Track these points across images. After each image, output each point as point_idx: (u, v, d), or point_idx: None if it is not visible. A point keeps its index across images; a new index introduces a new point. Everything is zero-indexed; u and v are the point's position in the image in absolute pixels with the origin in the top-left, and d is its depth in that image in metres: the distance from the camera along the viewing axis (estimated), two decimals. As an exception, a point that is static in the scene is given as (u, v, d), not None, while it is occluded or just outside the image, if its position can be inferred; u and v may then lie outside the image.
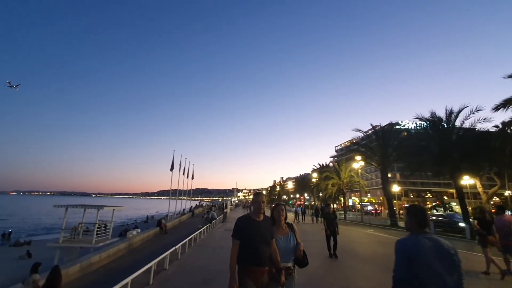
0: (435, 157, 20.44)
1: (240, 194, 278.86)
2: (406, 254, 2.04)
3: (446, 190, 68.43)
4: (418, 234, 2.10)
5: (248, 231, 2.78)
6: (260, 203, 2.91)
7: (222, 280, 6.42)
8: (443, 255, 1.90)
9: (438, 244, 1.99)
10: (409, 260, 1.98)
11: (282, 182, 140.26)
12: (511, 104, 13.79)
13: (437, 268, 1.88)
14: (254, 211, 2.93)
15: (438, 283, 1.86)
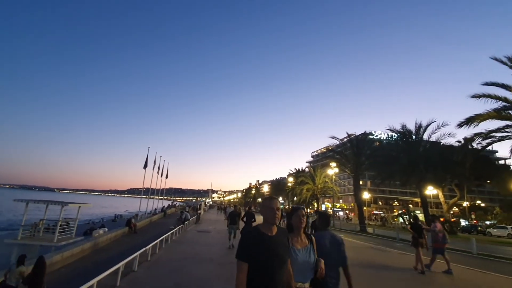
0: (404, 167, 21.59)
1: (215, 195, 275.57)
2: (319, 243, 3.20)
3: (412, 199, 72.40)
4: (324, 231, 3.43)
5: (259, 250, 2.02)
6: (274, 211, 2.14)
7: (194, 284, 6.30)
8: (334, 241, 3.30)
9: (333, 236, 3.38)
10: (319, 245, 3.08)
11: (258, 185, 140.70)
12: (473, 122, 14.92)
13: (329, 247, 3.21)
14: (266, 222, 2.17)
15: (330, 255, 3.13)
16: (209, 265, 8.13)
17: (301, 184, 42.54)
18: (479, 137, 15.47)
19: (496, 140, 15.14)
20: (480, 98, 14.73)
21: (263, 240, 2.08)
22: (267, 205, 2.19)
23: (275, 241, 2.10)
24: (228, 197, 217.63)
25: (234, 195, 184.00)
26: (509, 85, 13.96)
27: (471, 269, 10.12)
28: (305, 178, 42.87)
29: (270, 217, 2.15)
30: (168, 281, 6.44)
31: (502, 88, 14.27)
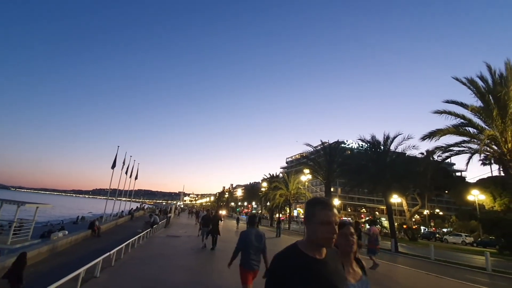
0: (372, 176, 22.59)
1: (187, 198, 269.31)
2: (243, 237, 4.63)
3: (378, 206, 75.95)
4: (250, 228, 4.82)
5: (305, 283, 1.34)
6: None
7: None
8: (258, 236, 4.59)
9: (257, 231, 4.71)
10: (244, 239, 4.57)
11: (232, 189, 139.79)
12: (434, 136, 16.06)
13: (254, 241, 4.50)
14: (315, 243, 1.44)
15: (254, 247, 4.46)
16: (178, 271, 7.89)
17: (275, 189, 42.90)
18: (439, 150, 16.67)
19: (454, 154, 16.39)
20: (441, 114, 15.92)
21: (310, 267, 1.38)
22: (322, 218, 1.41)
23: (326, 267, 1.41)
24: (200, 200, 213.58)
25: (207, 199, 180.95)
26: (466, 104, 15.26)
27: (429, 274, 10.80)
28: (278, 183, 43.31)
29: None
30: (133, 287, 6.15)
31: (460, 106, 15.55)
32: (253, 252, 4.45)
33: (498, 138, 13.78)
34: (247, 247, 4.47)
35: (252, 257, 4.42)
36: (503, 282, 10.14)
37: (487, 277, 11.13)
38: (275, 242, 18.21)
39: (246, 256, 4.46)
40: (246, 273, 4.39)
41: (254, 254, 4.46)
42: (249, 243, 4.48)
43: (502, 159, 13.85)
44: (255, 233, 4.64)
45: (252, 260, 4.41)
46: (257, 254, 4.52)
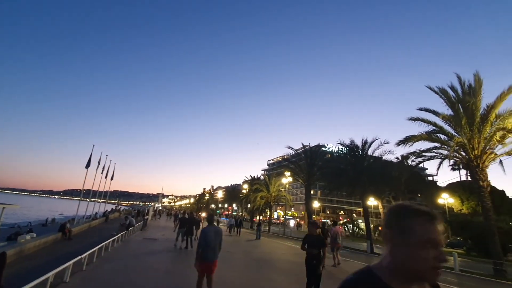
0: (350, 179, 23.23)
1: (166, 200, 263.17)
2: (203, 234, 5.26)
3: (356, 209, 78.07)
4: (209, 226, 5.42)
5: None
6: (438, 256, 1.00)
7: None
8: (216, 232, 5.31)
9: (216, 228, 5.42)
10: (204, 236, 5.22)
11: (212, 191, 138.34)
12: (408, 142, 16.79)
13: (213, 237, 5.21)
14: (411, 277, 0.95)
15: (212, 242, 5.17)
16: (154, 275, 7.66)
17: (256, 191, 42.94)
18: (413, 156, 17.43)
19: (426, 159, 17.21)
20: (415, 121, 16.69)
21: None
22: (426, 236, 0.95)
23: None
24: (179, 202, 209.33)
25: (187, 200, 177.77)
26: (438, 112, 16.10)
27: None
28: (259, 185, 43.40)
29: (432, 269, 0.92)
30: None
31: (433, 114, 16.37)
32: (212, 246, 5.21)
33: (466, 145, 14.63)
34: (208, 243, 5.19)
35: (211, 250, 5.20)
36: (470, 282, 10.75)
37: (455, 277, 11.75)
38: (255, 244, 18.21)
39: (206, 250, 5.15)
40: (204, 264, 5.15)
41: (213, 248, 5.24)
42: (209, 239, 5.21)
43: (470, 165, 14.70)
44: (214, 230, 5.38)
45: (211, 253, 5.19)
46: (215, 248, 5.29)
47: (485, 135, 14.33)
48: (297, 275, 9.34)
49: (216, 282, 7.38)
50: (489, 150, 14.47)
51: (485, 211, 14.28)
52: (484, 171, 14.36)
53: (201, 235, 5.33)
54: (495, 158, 14.51)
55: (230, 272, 8.83)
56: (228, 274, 8.47)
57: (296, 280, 8.63)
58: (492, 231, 13.67)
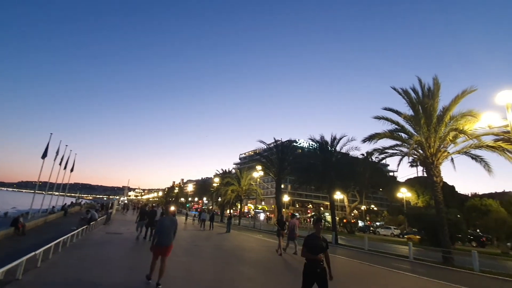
0: (319, 174, 24.04)
1: (132, 193, 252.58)
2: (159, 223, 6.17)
3: (323, 202, 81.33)
4: (165, 216, 6.35)
5: None
6: None
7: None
8: (171, 222, 6.15)
9: (171, 218, 6.28)
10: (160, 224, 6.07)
11: (182, 184, 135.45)
12: (373, 139, 17.74)
13: (168, 225, 6.04)
14: None
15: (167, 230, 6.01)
16: (117, 270, 7.32)
17: (227, 185, 42.80)
18: (377, 152, 18.44)
19: (388, 156, 18.32)
20: (380, 120, 17.66)
21: None
22: None
23: None
24: (147, 195, 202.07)
25: (154, 194, 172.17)
26: (400, 112, 17.16)
27: (362, 263, 11.94)
28: (231, 179, 43.31)
29: None
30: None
31: (396, 113, 17.41)
32: (166, 233, 6.03)
33: (423, 144, 15.79)
34: (163, 230, 6.03)
35: (165, 236, 6.00)
36: (421, 269, 11.72)
37: (409, 264, 12.74)
38: (225, 238, 18.20)
39: (161, 236, 5.99)
40: (158, 249, 5.91)
41: (167, 235, 6.04)
42: (164, 227, 6.05)
43: (426, 162, 15.92)
44: (169, 220, 6.24)
45: (165, 238, 6.00)
46: (169, 235, 6.08)
47: (440, 134, 15.55)
48: (266, 267, 9.52)
49: (184, 276, 7.26)
50: (443, 149, 15.74)
51: (437, 204, 15.59)
52: (438, 168, 15.62)
53: (157, 224, 6.34)
54: (447, 156, 15.84)
55: (199, 265, 8.74)
56: (197, 267, 8.38)
57: (264, 272, 8.79)
58: (442, 223, 15.00)
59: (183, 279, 6.80)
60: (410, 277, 9.56)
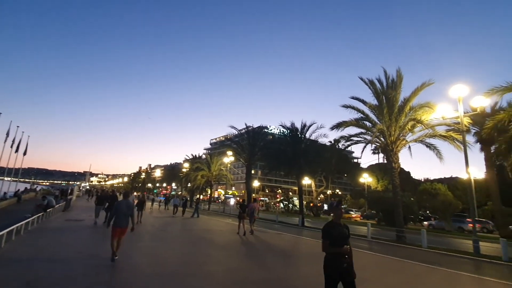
0: (288, 160, 24.65)
1: (95, 178, 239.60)
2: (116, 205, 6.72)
3: (292, 188, 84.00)
4: (123, 199, 6.79)
5: None
6: None
7: (53, 283, 5.24)
8: (128, 205, 6.65)
9: (127, 202, 6.73)
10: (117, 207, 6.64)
11: (149, 169, 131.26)
12: (340, 127, 18.50)
13: (124, 208, 6.56)
14: None
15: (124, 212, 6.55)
16: (75, 258, 6.98)
17: (197, 170, 42.29)
18: (343, 140, 19.32)
19: (354, 143, 19.29)
20: (347, 108, 18.39)
21: None
22: None
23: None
24: (111, 181, 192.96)
25: (119, 179, 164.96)
26: (366, 101, 18.00)
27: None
28: (201, 164, 42.81)
29: None
30: (15, 280, 5.13)
31: (362, 103, 18.24)
32: (123, 215, 6.52)
33: (385, 132, 16.80)
34: (119, 212, 6.52)
35: (122, 218, 6.50)
36: (377, 247, 12.77)
37: (367, 243, 13.80)
38: (194, 222, 18.13)
39: (118, 218, 6.48)
40: (116, 229, 6.40)
41: (124, 217, 6.54)
42: (120, 209, 6.55)
43: (386, 149, 17.02)
44: (126, 203, 6.69)
45: (122, 220, 6.48)
46: (126, 217, 6.58)
47: (400, 124, 16.62)
48: (234, 250, 9.71)
49: (150, 261, 7.15)
50: (402, 137, 16.90)
51: (394, 188, 16.88)
52: (397, 155, 16.80)
53: (114, 207, 6.79)
54: (405, 144, 17.06)
55: (166, 250, 8.65)
56: (164, 252, 8.28)
57: (232, 255, 8.96)
58: (397, 205, 16.33)
59: (149, 265, 6.69)
60: (367, 254, 10.38)
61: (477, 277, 7.61)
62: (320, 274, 3.59)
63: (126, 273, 5.84)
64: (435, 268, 8.38)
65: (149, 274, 5.79)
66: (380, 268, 8.35)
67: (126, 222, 6.56)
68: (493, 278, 7.50)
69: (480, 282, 7.23)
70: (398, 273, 7.73)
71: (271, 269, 7.15)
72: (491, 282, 7.20)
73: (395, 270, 8.12)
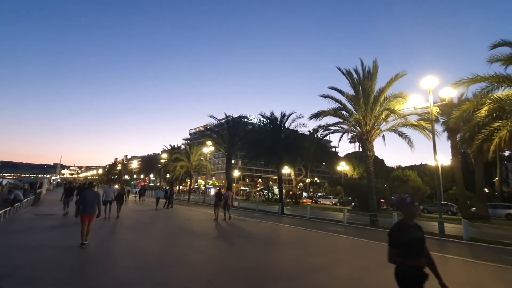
0: (268, 149, 24.87)
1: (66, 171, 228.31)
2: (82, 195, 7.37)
3: (272, 177, 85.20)
4: (88, 190, 7.64)
5: None
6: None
7: (21, 279, 4.99)
8: (93, 195, 7.48)
9: (93, 192, 7.65)
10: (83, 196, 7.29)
11: (126, 161, 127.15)
12: (319, 116, 18.88)
13: (90, 197, 7.32)
14: None
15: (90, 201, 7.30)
16: (45, 252, 6.69)
17: (176, 161, 41.58)
18: (321, 129, 19.77)
19: (331, 132, 19.78)
20: (325, 98, 18.74)
21: None
22: None
23: None
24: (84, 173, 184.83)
25: (94, 171, 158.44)
26: (343, 91, 18.43)
27: (304, 228, 13.09)
28: (180, 155, 42.10)
29: None
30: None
31: (339, 93, 18.65)
32: (89, 204, 7.23)
33: (361, 121, 17.36)
34: (85, 202, 7.19)
35: (89, 206, 7.23)
36: (352, 231, 13.39)
37: (342, 228, 14.42)
38: (173, 213, 17.91)
39: (84, 206, 7.18)
40: (84, 216, 7.10)
41: (90, 205, 7.27)
42: (86, 199, 7.22)
43: (362, 138, 17.65)
44: (91, 193, 7.46)
45: (89, 208, 7.22)
46: (92, 205, 7.33)
47: (375, 113, 17.23)
48: (214, 239, 9.76)
49: (130, 254, 7.03)
50: (376, 126, 17.56)
51: (368, 175, 17.64)
52: (371, 143, 17.48)
53: (80, 197, 7.44)
54: (380, 133, 17.77)
55: (146, 242, 8.51)
56: (144, 244, 8.14)
57: (213, 244, 9.02)
58: (372, 191, 17.13)
59: (128, 257, 6.58)
60: (342, 238, 10.87)
61: (441, 255, 8.23)
62: (296, 259, 3.70)
63: (105, 265, 5.71)
64: (404, 248, 8.94)
65: (128, 266, 5.70)
66: (355, 251, 8.79)
67: (93, 210, 7.34)
68: (455, 256, 8.17)
69: (443, 259, 7.84)
70: (371, 254, 8.18)
71: (250, 256, 7.29)
72: (453, 259, 7.84)
73: (369, 252, 8.59)
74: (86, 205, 7.22)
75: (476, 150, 16.94)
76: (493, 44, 12.31)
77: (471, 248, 9.88)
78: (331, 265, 6.52)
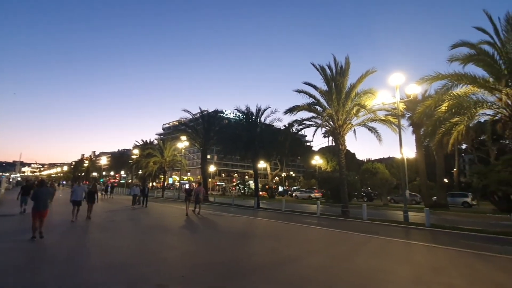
0: (244, 144, 24.88)
1: (27, 169, 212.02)
2: (35, 192, 7.73)
3: (248, 171, 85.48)
4: (41, 187, 8.06)
5: None
6: None
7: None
8: (46, 191, 7.98)
9: (47, 189, 8.29)
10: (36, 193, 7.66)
11: (94, 157, 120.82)
12: (293, 111, 19.19)
13: (43, 194, 7.68)
14: None
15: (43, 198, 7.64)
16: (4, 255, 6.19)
17: (148, 156, 40.19)
18: (296, 123, 20.11)
19: (306, 127, 20.19)
20: (300, 93, 19.05)
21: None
22: None
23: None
24: (48, 171, 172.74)
25: (58, 169, 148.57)
26: (317, 86, 18.83)
27: (279, 221, 13.33)
28: (153, 150, 40.73)
29: None
30: None
31: (313, 88, 19.04)
32: (42, 200, 7.56)
33: (334, 116, 17.88)
34: (39, 198, 7.50)
35: (42, 203, 7.53)
36: (324, 221, 13.87)
37: (316, 219, 14.88)
38: (145, 210, 17.34)
39: (37, 203, 7.46)
40: (36, 212, 7.36)
41: (43, 202, 7.60)
42: (39, 196, 7.56)
43: (334, 132, 18.20)
44: (45, 190, 7.87)
45: (42, 205, 7.51)
46: (45, 201, 7.68)
47: (347, 109, 17.81)
48: (188, 234, 9.63)
49: (98, 253, 6.71)
50: (348, 121, 18.18)
51: (340, 168, 18.29)
52: (343, 138, 18.10)
53: (32, 193, 7.88)
54: (351, 128, 18.43)
55: (117, 240, 8.17)
56: (114, 242, 7.82)
57: (187, 239, 8.89)
58: (343, 183, 17.81)
59: (96, 256, 6.28)
60: (315, 229, 11.23)
61: (405, 242, 8.81)
62: (270, 251, 3.75)
63: (68, 265, 5.38)
64: (373, 236, 9.46)
65: (95, 266, 5.43)
66: (327, 241, 9.12)
67: (45, 205, 7.68)
68: (417, 242, 8.78)
69: (407, 245, 8.40)
70: (342, 244, 8.54)
71: (225, 250, 7.29)
72: (416, 244, 8.42)
73: (340, 241, 8.96)
74: (38, 202, 7.53)
75: (437, 144, 18.22)
76: (453, 44, 13.16)
77: (432, 234, 10.66)
78: (303, 255, 6.71)
